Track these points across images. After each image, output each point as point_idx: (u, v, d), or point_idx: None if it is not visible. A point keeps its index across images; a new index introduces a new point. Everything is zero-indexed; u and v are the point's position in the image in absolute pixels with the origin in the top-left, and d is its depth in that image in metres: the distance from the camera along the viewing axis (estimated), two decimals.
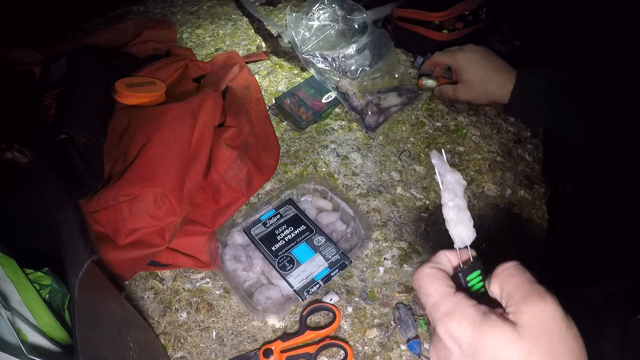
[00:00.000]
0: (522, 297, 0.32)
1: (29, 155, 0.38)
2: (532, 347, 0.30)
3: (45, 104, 0.59)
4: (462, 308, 0.33)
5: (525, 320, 0.31)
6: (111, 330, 0.41)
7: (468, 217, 0.37)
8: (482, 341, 0.32)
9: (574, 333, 0.31)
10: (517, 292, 0.33)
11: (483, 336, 0.32)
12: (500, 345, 0.31)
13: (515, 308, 0.32)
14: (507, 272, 0.34)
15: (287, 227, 0.63)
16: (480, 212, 0.68)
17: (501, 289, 0.34)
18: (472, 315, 0.33)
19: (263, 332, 0.57)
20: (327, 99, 0.80)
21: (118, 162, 0.61)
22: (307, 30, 0.82)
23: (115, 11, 1.05)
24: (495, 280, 0.34)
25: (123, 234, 0.57)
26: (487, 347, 0.31)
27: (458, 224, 0.37)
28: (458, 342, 0.33)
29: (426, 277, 0.37)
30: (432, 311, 0.35)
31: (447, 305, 0.34)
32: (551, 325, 0.31)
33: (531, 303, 0.31)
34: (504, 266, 0.34)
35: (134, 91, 0.62)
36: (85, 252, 0.33)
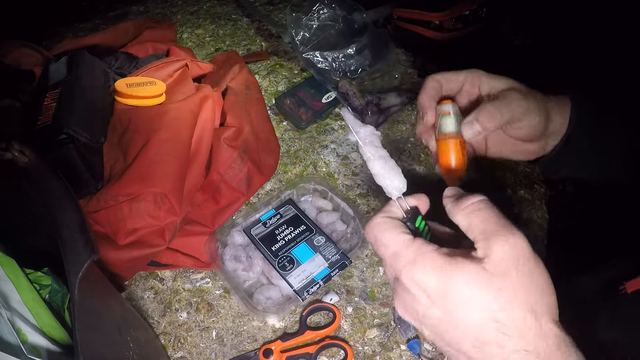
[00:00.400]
0: (491, 232, 0.31)
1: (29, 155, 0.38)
2: (503, 284, 0.30)
3: (45, 104, 0.59)
4: (425, 253, 0.32)
5: (495, 256, 0.30)
6: (111, 330, 0.41)
7: (394, 164, 0.37)
8: (451, 285, 0.31)
9: (542, 269, 0.31)
10: (486, 225, 0.32)
11: (451, 280, 0.31)
12: (470, 286, 0.30)
13: (484, 243, 0.31)
14: (475, 206, 0.33)
15: (287, 227, 0.63)
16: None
17: (469, 222, 0.33)
18: (436, 259, 0.32)
19: (263, 332, 0.57)
20: (327, 99, 0.80)
21: (118, 162, 0.61)
22: (307, 30, 0.82)
23: (115, 11, 1.05)
24: (463, 213, 0.33)
25: (123, 234, 0.57)
26: (457, 289, 0.30)
27: (388, 173, 0.36)
28: (425, 290, 0.32)
29: (380, 227, 0.35)
30: (393, 262, 0.34)
31: (408, 253, 0.33)
32: (521, 261, 0.30)
33: (500, 237, 0.31)
34: (471, 199, 0.34)
35: (134, 91, 0.62)
36: (85, 252, 0.33)
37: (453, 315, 0.31)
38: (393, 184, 0.36)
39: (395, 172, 0.36)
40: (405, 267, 0.32)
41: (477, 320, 0.30)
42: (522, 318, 0.30)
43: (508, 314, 0.30)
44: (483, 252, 0.31)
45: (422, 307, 0.32)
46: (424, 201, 0.39)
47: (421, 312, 0.32)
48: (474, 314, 0.30)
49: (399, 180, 0.36)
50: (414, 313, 0.33)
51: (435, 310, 0.32)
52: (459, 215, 0.34)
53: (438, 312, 0.32)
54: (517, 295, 0.30)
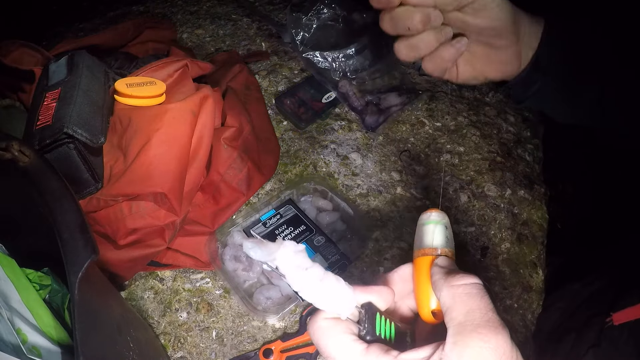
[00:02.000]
0: (471, 327, 0.27)
1: (29, 155, 0.38)
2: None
3: (45, 104, 0.59)
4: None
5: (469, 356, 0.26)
6: (111, 330, 0.40)
7: (335, 280, 0.30)
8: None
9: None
10: (468, 317, 0.28)
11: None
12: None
13: (458, 338, 0.27)
14: (467, 289, 0.29)
15: (287, 227, 0.63)
16: (480, 212, 0.68)
17: (452, 304, 0.29)
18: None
19: (263, 332, 0.57)
20: (327, 99, 0.80)
21: (118, 162, 0.61)
22: (307, 30, 0.82)
23: (115, 11, 1.05)
24: (450, 291, 0.30)
25: (123, 234, 0.57)
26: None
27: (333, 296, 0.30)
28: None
29: (325, 332, 0.30)
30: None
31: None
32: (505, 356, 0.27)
33: (479, 338, 0.27)
34: (465, 280, 0.30)
35: (134, 91, 0.62)
36: (85, 252, 0.33)
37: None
38: (343, 304, 0.30)
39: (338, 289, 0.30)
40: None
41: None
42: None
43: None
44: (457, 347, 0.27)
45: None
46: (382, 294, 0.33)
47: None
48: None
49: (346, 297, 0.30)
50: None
51: None
52: (444, 290, 0.30)
53: None
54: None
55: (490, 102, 0.84)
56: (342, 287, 0.30)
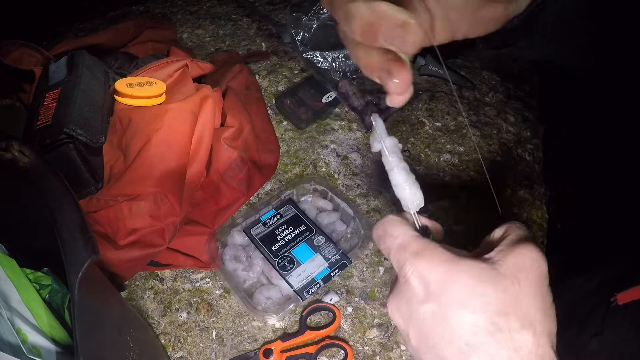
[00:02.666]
0: (517, 242, 0.30)
1: (29, 155, 0.38)
2: (509, 286, 0.28)
3: (45, 104, 0.59)
4: (432, 248, 0.31)
5: (510, 260, 0.29)
6: (111, 330, 0.41)
7: (414, 180, 0.36)
8: (454, 277, 0.29)
9: (551, 295, 0.30)
10: (517, 239, 0.31)
11: (455, 272, 0.29)
12: (475, 280, 0.29)
13: (504, 248, 0.30)
14: (517, 224, 0.33)
15: (287, 227, 0.63)
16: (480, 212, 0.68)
17: (505, 231, 0.32)
18: (443, 254, 0.30)
19: (263, 332, 0.57)
20: (327, 99, 0.80)
21: (118, 162, 0.61)
22: (307, 30, 0.82)
23: (115, 11, 1.05)
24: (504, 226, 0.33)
25: (123, 234, 0.57)
26: (460, 283, 0.29)
27: (410, 186, 0.36)
28: (426, 282, 0.30)
29: (391, 222, 0.34)
30: (398, 253, 0.32)
31: (416, 246, 0.32)
32: (534, 274, 0.29)
33: (523, 247, 0.30)
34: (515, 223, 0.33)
35: (134, 91, 0.62)
36: (85, 252, 0.33)
37: (447, 311, 0.29)
38: (413, 198, 0.35)
39: (416, 187, 0.36)
40: (410, 258, 0.31)
41: (472, 320, 0.28)
42: (519, 329, 0.28)
43: (506, 320, 0.28)
44: (499, 256, 0.30)
45: (416, 302, 0.30)
46: (437, 228, 0.38)
47: (413, 309, 0.31)
48: (471, 311, 0.28)
49: (418, 196, 0.36)
50: (405, 310, 0.31)
51: (429, 306, 0.30)
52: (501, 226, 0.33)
53: (432, 307, 0.29)
54: (521, 304, 0.28)
55: (490, 102, 0.84)
56: (418, 187, 0.36)
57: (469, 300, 0.28)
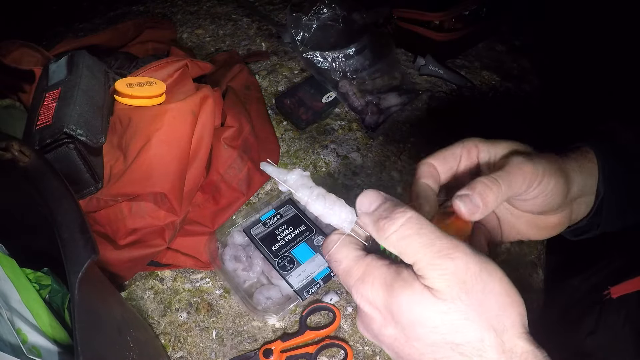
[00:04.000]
0: (427, 262, 0.28)
1: (29, 155, 0.38)
2: (450, 308, 0.28)
3: (45, 104, 0.59)
4: (373, 269, 0.31)
5: (438, 285, 0.28)
6: (111, 330, 0.41)
7: (335, 198, 0.34)
8: (396, 303, 0.29)
9: (499, 279, 0.28)
10: (417, 256, 0.29)
11: (396, 297, 0.29)
12: (417, 306, 0.28)
13: (423, 272, 0.28)
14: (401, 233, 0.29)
15: (287, 227, 0.63)
16: None
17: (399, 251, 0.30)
18: (383, 275, 0.30)
19: (263, 332, 0.57)
20: (327, 99, 0.80)
21: (118, 162, 0.61)
22: (307, 30, 0.82)
23: (115, 11, 1.05)
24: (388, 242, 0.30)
25: (123, 234, 0.57)
26: (402, 308, 0.29)
27: (332, 209, 0.33)
28: (376, 307, 0.30)
29: (333, 244, 0.34)
30: (345, 278, 0.32)
31: (359, 270, 0.31)
32: (469, 282, 0.28)
33: (438, 268, 0.28)
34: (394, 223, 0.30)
35: (134, 91, 0.62)
36: (85, 252, 0.33)
37: (407, 334, 0.29)
38: (341, 218, 0.33)
39: (339, 206, 0.34)
40: (355, 284, 0.31)
41: (432, 341, 0.29)
42: (478, 339, 0.28)
43: (462, 335, 0.28)
44: (427, 282, 0.29)
45: (376, 324, 0.31)
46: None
47: (376, 330, 0.31)
48: (427, 334, 0.28)
49: (345, 212, 0.34)
50: (370, 331, 0.32)
51: (390, 329, 0.30)
52: (385, 242, 0.31)
53: (392, 331, 0.30)
54: (469, 317, 0.28)
55: (490, 102, 0.84)
56: (342, 204, 0.34)
57: (420, 325, 0.29)
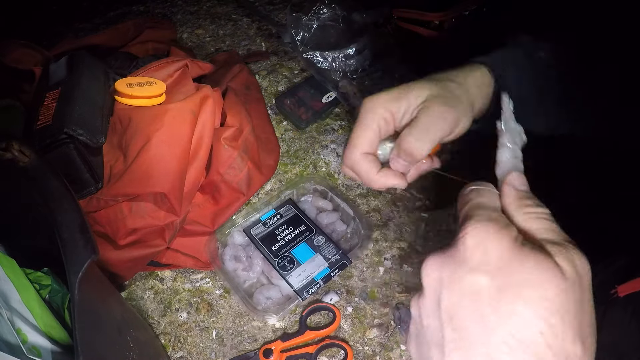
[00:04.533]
0: (561, 242, 0.27)
1: (29, 155, 0.38)
2: (571, 291, 0.25)
3: (45, 104, 0.59)
4: (509, 224, 0.28)
5: (570, 260, 0.26)
6: (111, 330, 0.41)
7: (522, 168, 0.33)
8: (521, 259, 0.25)
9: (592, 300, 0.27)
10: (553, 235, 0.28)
11: (523, 255, 0.26)
12: (540, 271, 0.25)
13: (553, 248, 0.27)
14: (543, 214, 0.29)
15: (287, 227, 0.63)
16: None
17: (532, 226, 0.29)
18: (516, 233, 0.27)
19: (263, 332, 0.57)
20: (327, 99, 0.80)
21: (118, 162, 0.61)
22: (307, 30, 0.82)
23: (115, 11, 1.05)
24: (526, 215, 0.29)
25: (123, 234, 0.57)
26: (524, 268, 0.25)
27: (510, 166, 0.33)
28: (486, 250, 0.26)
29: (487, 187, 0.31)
30: (473, 208, 0.29)
31: (494, 213, 0.28)
32: (585, 283, 0.26)
33: (572, 250, 0.27)
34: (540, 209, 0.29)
35: (134, 91, 0.62)
36: (85, 252, 0.33)
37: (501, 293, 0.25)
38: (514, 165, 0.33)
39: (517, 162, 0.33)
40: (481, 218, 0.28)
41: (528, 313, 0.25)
42: (572, 340, 0.25)
43: (562, 325, 0.24)
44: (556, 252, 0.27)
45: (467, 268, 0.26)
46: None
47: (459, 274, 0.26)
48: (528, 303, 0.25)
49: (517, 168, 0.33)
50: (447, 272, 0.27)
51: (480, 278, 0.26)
52: (520, 215, 0.29)
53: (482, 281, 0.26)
54: (576, 313, 0.25)
55: None
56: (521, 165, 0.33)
57: (529, 290, 0.25)
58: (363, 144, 0.42)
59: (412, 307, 0.30)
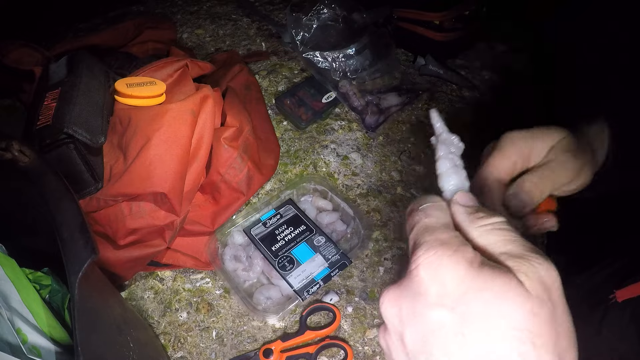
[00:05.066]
0: (519, 254, 0.26)
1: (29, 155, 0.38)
2: (538, 310, 0.24)
3: (45, 104, 0.59)
4: (461, 245, 0.26)
5: (531, 276, 0.24)
6: (111, 330, 0.41)
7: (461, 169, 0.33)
8: (479, 289, 0.24)
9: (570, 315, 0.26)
10: (511, 247, 0.26)
11: (481, 280, 0.24)
12: (501, 298, 0.24)
13: (512, 263, 0.25)
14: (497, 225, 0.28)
15: (287, 227, 0.63)
16: None
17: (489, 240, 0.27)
18: (471, 254, 0.25)
19: (263, 332, 0.57)
20: (327, 99, 0.80)
21: (118, 162, 0.61)
22: (307, 30, 0.82)
23: (115, 11, 1.05)
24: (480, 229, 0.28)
25: (123, 234, 0.57)
26: (484, 298, 0.24)
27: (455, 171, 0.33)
28: (441, 281, 0.25)
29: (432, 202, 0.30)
30: (421, 233, 0.27)
31: (445, 235, 0.27)
32: (554, 293, 0.25)
33: (533, 260, 0.25)
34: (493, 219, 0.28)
35: (134, 91, 0.62)
36: (85, 252, 0.33)
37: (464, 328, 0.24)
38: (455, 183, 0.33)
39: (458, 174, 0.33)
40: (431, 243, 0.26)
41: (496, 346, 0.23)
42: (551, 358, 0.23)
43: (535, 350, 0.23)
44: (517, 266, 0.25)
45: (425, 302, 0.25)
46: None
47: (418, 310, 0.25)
48: (495, 334, 0.23)
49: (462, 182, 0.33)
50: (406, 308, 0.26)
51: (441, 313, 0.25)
52: (475, 230, 0.28)
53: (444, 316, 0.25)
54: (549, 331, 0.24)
55: (490, 102, 0.84)
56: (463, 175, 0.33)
57: (493, 320, 0.24)
58: (500, 171, 0.41)
59: (379, 339, 0.30)
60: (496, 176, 0.41)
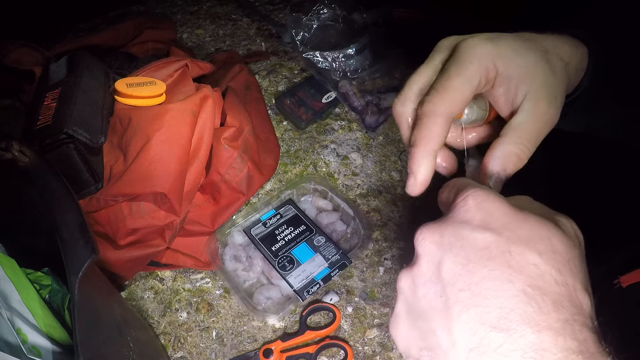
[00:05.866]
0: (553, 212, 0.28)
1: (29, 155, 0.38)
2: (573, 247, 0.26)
3: (45, 104, 0.59)
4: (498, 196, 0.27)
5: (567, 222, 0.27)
6: (111, 330, 0.41)
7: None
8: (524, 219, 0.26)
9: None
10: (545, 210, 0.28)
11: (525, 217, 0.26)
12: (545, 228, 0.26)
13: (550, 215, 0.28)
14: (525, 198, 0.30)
15: (287, 227, 0.63)
16: None
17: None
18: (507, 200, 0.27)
19: (263, 332, 0.57)
20: (327, 99, 0.80)
21: (118, 162, 0.61)
22: (307, 30, 0.82)
23: (115, 11, 1.05)
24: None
25: (123, 234, 0.57)
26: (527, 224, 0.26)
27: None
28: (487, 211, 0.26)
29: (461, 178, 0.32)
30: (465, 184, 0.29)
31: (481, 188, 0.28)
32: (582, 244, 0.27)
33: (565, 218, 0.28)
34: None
35: (134, 91, 0.62)
36: (85, 252, 0.33)
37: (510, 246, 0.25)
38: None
39: None
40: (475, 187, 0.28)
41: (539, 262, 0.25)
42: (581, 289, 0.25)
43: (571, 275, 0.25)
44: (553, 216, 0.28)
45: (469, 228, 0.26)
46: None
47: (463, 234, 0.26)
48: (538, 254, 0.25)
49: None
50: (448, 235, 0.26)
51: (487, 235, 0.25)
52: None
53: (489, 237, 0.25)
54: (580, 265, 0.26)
55: None
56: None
57: (538, 243, 0.25)
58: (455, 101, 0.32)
59: (401, 281, 0.29)
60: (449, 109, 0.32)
